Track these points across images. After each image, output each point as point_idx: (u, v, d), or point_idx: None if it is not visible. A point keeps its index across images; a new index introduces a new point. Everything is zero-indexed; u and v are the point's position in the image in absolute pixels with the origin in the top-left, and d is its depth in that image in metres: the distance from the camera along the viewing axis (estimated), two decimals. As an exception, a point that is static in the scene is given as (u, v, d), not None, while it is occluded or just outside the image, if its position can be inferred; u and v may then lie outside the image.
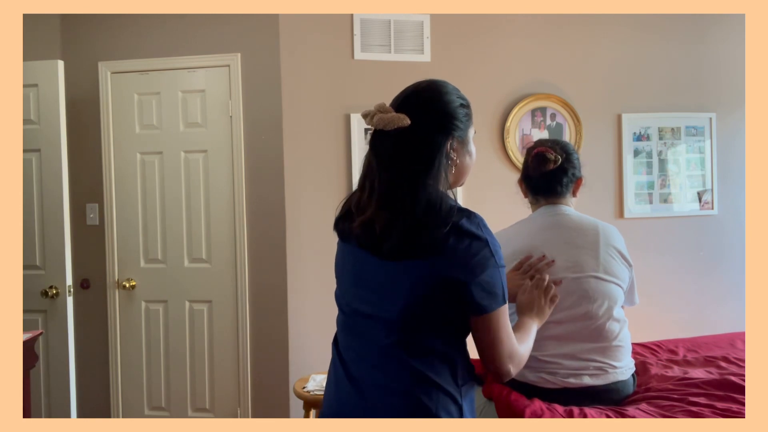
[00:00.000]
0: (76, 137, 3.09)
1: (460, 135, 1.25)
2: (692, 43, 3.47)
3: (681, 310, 3.44)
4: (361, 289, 1.27)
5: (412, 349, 1.20)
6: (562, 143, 1.86)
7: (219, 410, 3.16)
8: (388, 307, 1.21)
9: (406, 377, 1.19)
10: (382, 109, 1.22)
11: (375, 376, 1.22)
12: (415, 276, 1.17)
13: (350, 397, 1.25)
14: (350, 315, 1.30)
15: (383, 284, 1.22)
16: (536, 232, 1.77)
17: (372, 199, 1.20)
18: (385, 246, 1.18)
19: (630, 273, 1.79)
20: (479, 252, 1.16)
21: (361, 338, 1.26)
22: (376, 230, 1.18)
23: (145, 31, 3.12)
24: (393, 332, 1.20)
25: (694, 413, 1.57)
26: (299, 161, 3.10)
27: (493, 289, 1.18)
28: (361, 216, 1.22)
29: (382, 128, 1.20)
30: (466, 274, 1.15)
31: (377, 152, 1.22)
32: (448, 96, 1.25)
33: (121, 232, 3.18)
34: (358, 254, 1.26)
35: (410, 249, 1.16)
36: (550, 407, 1.58)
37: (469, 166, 1.31)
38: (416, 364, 1.19)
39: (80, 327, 3.09)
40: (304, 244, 3.11)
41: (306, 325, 3.12)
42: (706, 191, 3.50)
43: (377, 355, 1.23)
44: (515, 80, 3.31)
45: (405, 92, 1.27)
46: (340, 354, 1.30)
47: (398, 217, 1.16)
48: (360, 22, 3.15)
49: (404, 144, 1.19)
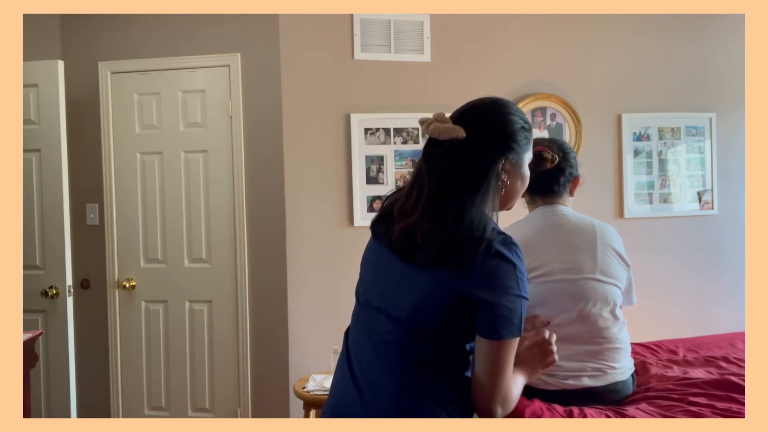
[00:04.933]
0: (76, 137, 3.09)
1: (514, 157, 1.23)
2: (692, 43, 3.47)
3: (681, 310, 3.44)
4: (378, 283, 1.27)
5: (413, 351, 1.19)
6: (559, 142, 1.86)
7: (219, 410, 3.16)
8: (401, 304, 1.20)
9: (401, 379, 1.19)
10: (439, 118, 1.20)
11: (373, 373, 1.22)
12: (437, 284, 1.16)
13: (350, 396, 1.25)
14: (364, 306, 1.30)
15: (401, 283, 1.21)
16: (534, 232, 1.77)
17: (418, 207, 1.18)
18: (420, 255, 1.16)
19: (628, 273, 1.79)
20: (505, 274, 1.14)
21: (368, 331, 1.26)
22: (417, 238, 1.16)
23: (145, 31, 3.12)
24: (398, 330, 1.20)
25: (694, 413, 1.57)
26: (299, 161, 3.10)
27: (510, 315, 1.14)
28: (403, 221, 1.20)
29: (436, 137, 1.19)
30: (488, 293, 1.13)
31: (429, 161, 1.21)
32: (510, 116, 1.23)
33: (121, 232, 3.18)
34: (385, 254, 1.25)
35: (442, 261, 1.15)
36: (550, 407, 1.58)
37: (520, 191, 1.28)
38: (413, 368, 1.19)
39: (80, 327, 3.09)
40: (304, 244, 3.11)
41: (306, 325, 3.12)
42: (706, 191, 3.50)
43: (379, 351, 1.22)
44: (515, 80, 3.31)
45: (467, 104, 1.26)
46: (347, 346, 1.31)
47: (441, 229, 1.15)
48: (360, 22, 3.15)
49: (456, 157, 1.18)
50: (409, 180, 1.25)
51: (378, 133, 3.16)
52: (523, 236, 1.76)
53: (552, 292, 1.67)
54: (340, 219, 3.16)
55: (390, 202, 1.29)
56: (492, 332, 1.15)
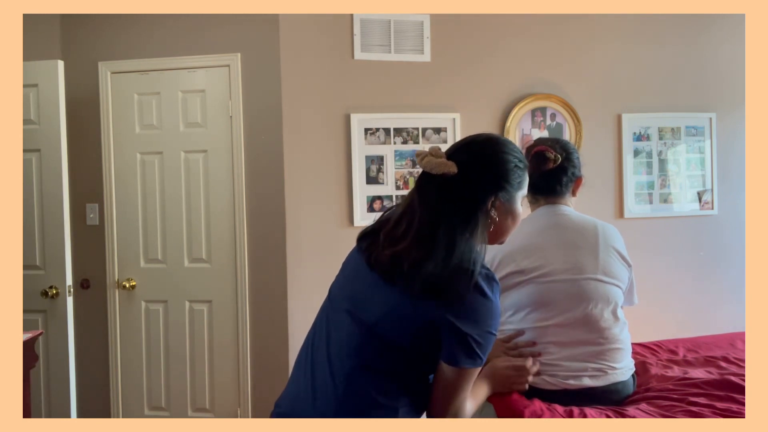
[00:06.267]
0: (76, 137, 3.09)
1: (504, 196, 1.24)
2: (692, 43, 3.47)
3: (681, 310, 3.44)
4: (352, 286, 1.30)
5: (368, 358, 1.22)
6: (563, 142, 1.85)
7: (219, 410, 3.16)
8: (371, 309, 1.23)
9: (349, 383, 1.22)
10: (434, 152, 1.23)
11: (329, 370, 1.25)
12: (412, 305, 1.19)
13: (305, 393, 1.29)
14: (332, 302, 1.34)
15: (374, 293, 1.24)
16: (536, 232, 1.77)
17: (407, 235, 1.20)
18: (405, 282, 1.19)
19: (629, 273, 1.79)
20: (484, 310, 1.18)
21: (329, 328, 1.31)
22: (404, 265, 1.19)
23: (145, 31, 3.12)
24: (362, 334, 1.23)
25: (694, 413, 1.57)
26: (299, 161, 3.10)
27: (477, 348, 1.19)
28: (391, 247, 1.22)
29: (429, 171, 1.21)
30: (463, 324, 1.17)
31: (421, 192, 1.23)
32: (504, 155, 1.24)
33: (121, 232, 3.18)
34: (363, 267, 1.28)
35: (429, 292, 1.17)
36: (550, 407, 1.58)
37: (510, 228, 1.30)
38: (365, 375, 1.22)
39: (80, 327, 3.09)
40: (304, 244, 3.11)
41: (306, 326, 3.08)
42: (706, 191, 3.50)
43: (333, 352, 1.26)
44: (515, 80, 3.31)
45: (465, 139, 1.28)
46: (313, 335, 1.36)
47: (430, 260, 1.16)
48: (360, 22, 3.15)
49: (447, 192, 1.20)
50: (399, 207, 1.28)
51: (378, 133, 3.16)
52: (525, 236, 1.76)
53: (554, 292, 1.67)
54: (340, 219, 3.16)
55: (383, 220, 1.31)
56: (455, 359, 1.20)
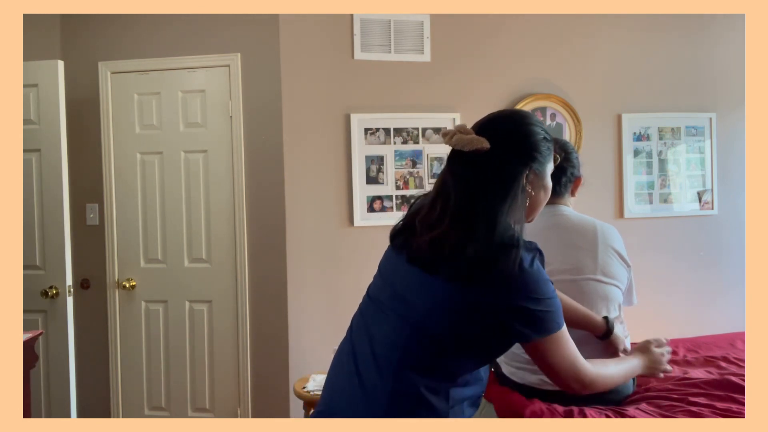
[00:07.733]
0: (76, 137, 3.09)
1: (538, 168, 1.22)
2: (692, 42, 3.47)
3: (681, 310, 3.44)
4: (393, 285, 1.25)
5: (414, 356, 1.18)
6: (561, 142, 1.85)
7: (219, 410, 3.16)
8: (416, 306, 1.19)
9: (396, 381, 1.17)
10: (462, 129, 1.19)
11: (376, 370, 1.21)
12: (461, 293, 1.14)
13: (352, 386, 1.23)
14: (374, 300, 1.29)
15: (419, 289, 1.19)
16: (535, 232, 1.74)
17: (444, 218, 1.16)
18: (449, 268, 1.14)
19: (629, 273, 1.79)
20: (534, 284, 1.14)
21: (371, 328, 1.25)
22: (445, 250, 1.14)
23: (145, 31, 3.12)
24: (405, 329, 1.19)
25: (694, 413, 1.57)
26: (299, 161, 3.10)
27: (533, 318, 1.15)
28: (428, 233, 1.18)
29: (460, 148, 1.18)
30: (522, 302, 1.13)
31: (454, 172, 1.20)
32: (532, 127, 1.23)
33: (121, 232, 3.18)
34: (402, 264, 1.24)
35: (474, 274, 1.13)
36: (550, 407, 1.58)
37: (543, 202, 1.28)
38: (412, 371, 1.17)
39: (80, 327, 3.09)
40: (304, 244, 3.11)
41: (306, 325, 3.12)
42: (706, 191, 3.50)
43: (377, 352, 1.21)
44: (515, 80, 3.31)
45: (489, 116, 1.25)
46: (351, 336, 1.29)
47: (473, 240, 1.12)
48: (360, 22, 3.15)
49: (481, 168, 1.17)
50: (432, 191, 1.24)
51: (378, 133, 3.16)
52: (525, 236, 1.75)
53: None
54: (340, 219, 3.16)
55: (413, 211, 1.27)
56: (522, 336, 1.17)
